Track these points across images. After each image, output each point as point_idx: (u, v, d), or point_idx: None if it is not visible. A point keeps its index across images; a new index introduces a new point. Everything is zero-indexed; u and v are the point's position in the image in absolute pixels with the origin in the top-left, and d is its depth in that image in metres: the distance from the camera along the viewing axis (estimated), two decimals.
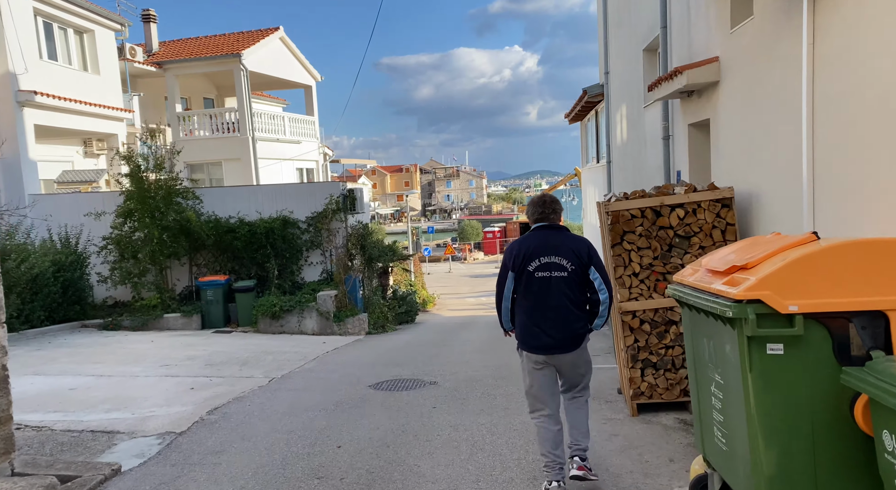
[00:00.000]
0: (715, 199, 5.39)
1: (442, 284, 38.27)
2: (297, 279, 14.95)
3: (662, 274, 5.57)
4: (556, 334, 3.97)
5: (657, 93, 7.34)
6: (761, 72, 5.10)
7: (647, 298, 5.59)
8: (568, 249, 3.98)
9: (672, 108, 7.97)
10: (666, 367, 5.55)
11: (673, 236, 5.54)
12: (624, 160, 11.78)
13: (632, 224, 5.61)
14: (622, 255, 5.63)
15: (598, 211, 6.37)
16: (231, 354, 10.03)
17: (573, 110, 17.23)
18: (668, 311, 5.56)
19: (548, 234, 4.05)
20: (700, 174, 7.24)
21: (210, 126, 22.29)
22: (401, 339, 12.74)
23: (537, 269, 3.95)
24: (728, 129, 5.97)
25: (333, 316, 13.74)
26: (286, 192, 15.07)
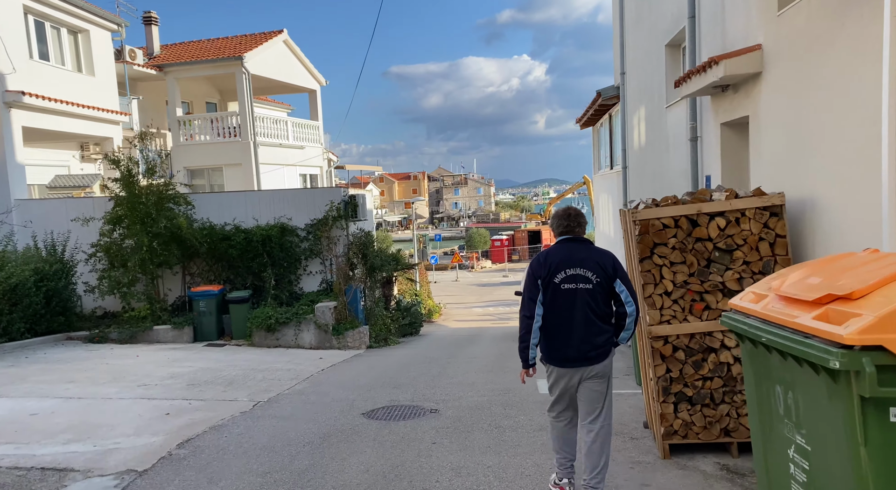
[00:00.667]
0: (762, 206, 4.62)
1: (448, 293, 37.48)
2: (295, 289, 14.24)
3: (699, 293, 4.80)
4: (581, 347, 3.96)
5: (685, 88, 6.58)
6: (820, 58, 4.35)
7: (682, 321, 4.82)
8: (593, 262, 3.98)
9: (701, 106, 7.22)
10: (703, 402, 4.77)
11: (712, 249, 4.77)
12: (642, 165, 11.01)
13: (663, 235, 4.84)
14: (652, 271, 4.86)
15: (621, 220, 5.61)
16: (218, 372, 9.30)
17: (585, 114, 16.48)
18: (705, 336, 4.78)
19: (573, 246, 4.07)
20: (734, 179, 6.47)
21: (211, 130, 21.70)
22: (402, 355, 11.98)
23: (563, 282, 3.96)
24: (773, 127, 5.21)
25: (332, 329, 13.01)
26: (285, 198, 14.38)
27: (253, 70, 21.44)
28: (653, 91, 9.82)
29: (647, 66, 10.12)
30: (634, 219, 4.87)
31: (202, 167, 22.00)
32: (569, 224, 4.13)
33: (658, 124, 9.52)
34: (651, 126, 10.09)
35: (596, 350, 3.98)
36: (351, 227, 14.76)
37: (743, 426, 4.70)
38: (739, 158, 6.44)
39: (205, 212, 13.94)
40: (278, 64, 23.30)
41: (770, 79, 5.19)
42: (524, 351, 4.12)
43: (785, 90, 4.93)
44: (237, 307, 13.16)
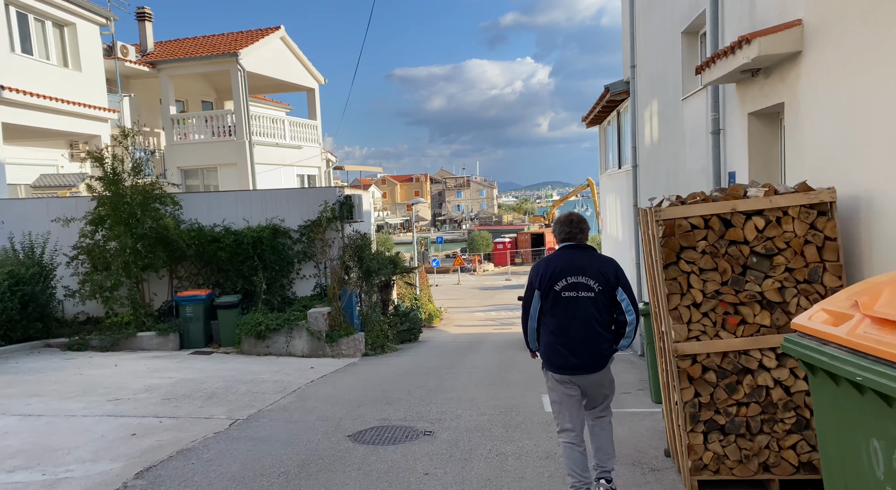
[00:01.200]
0: (808, 204, 3.96)
1: (450, 297, 36.81)
2: (288, 294, 13.59)
3: (734, 305, 4.13)
4: (582, 355, 3.96)
5: (708, 75, 5.92)
6: (878, 31, 3.69)
7: (713, 338, 4.15)
8: (595, 270, 3.96)
9: (724, 95, 6.55)
10: (738, 432, 4.10)
11: (748, 254, 4.11)
12: (654, 163, 10.35)
13: (691, 237, 4.18)
14: (678, 279, 4.19)
15: (640, 220, 4.94)
16: (199, 384, 8.64)
17: (592, 112, 15.82)
18: (740, 355, 4.11)
19: (575, 253, 4.04)
20: (763, 176, 5.81)
21: (206, 129, 21.11)
22: (399, 365, 11.32)
23: (564, 289, 3.94)
24: (816, 114, 4.54)
25: (326, 336, 12.36)
26: (277, 199, 13.74)
27: (249, 67, 20.85)
28: (667, 83, 9.16)
29: (661, 56, 9.46)
30: (658, 218, 4.21)
31: (196, 167, 21.40)
32: (570, 230, 4.11)
33: (672, 119, 8.85)
34: (665, 121, 9.43)
35: (596, 358, 3.99)
36: (347, 228, 14.11)
37: (786, 461, 4.03)
38: (770, 152, 5.78)
39: (193, 212, 13.31)
40: (275, 61, 22.70)
41: (813, 58, 4.52)
42: (528, 345, 4.32)
43: (832, 70, 4.26)
44: (226, 313, 12.52)
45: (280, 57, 23.07)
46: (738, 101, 6.08)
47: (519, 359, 12.11)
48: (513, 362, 11.55)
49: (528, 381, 8.86)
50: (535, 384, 8.51)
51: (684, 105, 8.17)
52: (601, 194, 18.08)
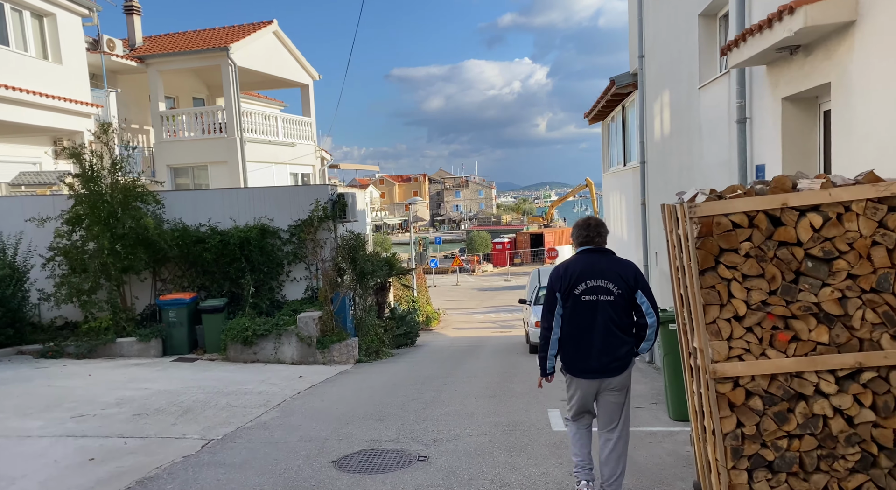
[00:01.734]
0: (877, 198, 3.30)
1: (448, 298, 36.15)
2: (277, 297, 12.94)
3: (784, 319, 3.47)
4: (602, 358, 3.94)
5: (736, 56, 5.27)
6: None
7: (759, 357, 3.49)
8: (614, 273, 3.95)
9: (751, 80, 5.91)
10: (790, 470, 3.44)
11: (802, 258, 3.45)
12: (664, 159, 9.71)
13: (733, 238, 3.52)
14: (717, 287, 3.53)
15: (666, 219, 4.30)
16: (176, 397, 7.98)
17: (595, 107, 15.17)
18: (793, 378, 3.46)
19: (594, 257, 4.03)
20: (800, 169, 5.15)
21: (196, 126, 20.42)
22: (394, 373, 10.66)
23: (584, 293, 3.93)
24: (874, 94, 3.89)
25: (317, 342, 11.71)
26: (266, 197, 13.08)
27: (240, 62, 20.17)
28: (680, 72, 8.51)
29: (673, 43, 8.81)
30: (693, 215, 3.55)
31: (186, 165, 20.72)
32: (588, 234, 4.07)
33: (687, 110, 8.21)
34: (678, 113, 8.78)
35: (617, 362, 3.97)
36: (340, 228, 13.45)
37: None
38: (806, 141, 5.13)
39: (177, 211, 12.64)
40: (268, 56, 22.02)
41: (870, 28, 3.88)
42: (543, 361, 4.15)
43: None
44: (211, 317, 11.86)
45: (273, 52, 22.40)
46: (770, 85, 5.43)
47: (521, 365, 11.47)
48: (515, 369, 10.90)
49: (533, 392, 8.21)
50: (540, 396, 7.86)
51: (701, 94, 7.52)
52: (604, 193, 17.44)
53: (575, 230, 4.19)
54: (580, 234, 4.13)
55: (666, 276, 10.12)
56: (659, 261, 10.43)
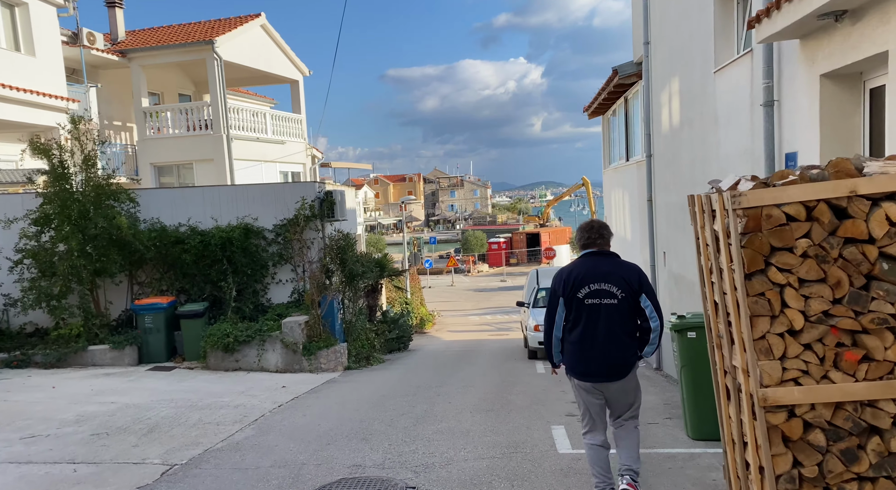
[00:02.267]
0: None
1: (443, 299, 35.48)
2: (262, 301, 12.24)
3: (852, 333, 2.82)
4: (605, 362, 3.92)
5: (767, 27, 4.61)
6: None
7: (821, 381, 2.83)
8: (618, 277, 3.92)
9: (780, 57, 5.26)
10: None
11: (876, 258, 2.80)
12: (674, 151, 9.06)
13: (787, 234, 2.87)
14: (767, 294, 2.88)
15: (697, 213, 3.66)
16: (144, 412, 7.29)
17: (596, 100, 14.53)
18: (864, 407, 2.81)
19: (598, 260, 4.02)
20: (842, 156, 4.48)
21: (181, 123, 19.69)
22: (384, 381, 9.98)
23: (587, 296, 3.91)
24: None
25: (303, 348, 11.03)
26: (249, 195, 12.38)
27: (226, 56, 19.44)
28: (692, 56, 7.86)
29: (684, 26, 8.16)
30: (738, 207, 2.89)
31: (171, 163, 19.99)
32: (591, 237, 4.06)
33: (701, 97, 7.56)
34: (689, 101, 8.13)
35: (620, 366, 3.95)
36: (328, 227, 12.78)
37: None
38: (850, 124, 4.48)
39: (155, 210, 11.94)
40: (255, 51, 21.29)
41: None
42: (550, 358, 4.19)
43: None
44: (190, 323, 11.15)
45: (260, 46, 21.67)
46: (805, 61, 4.78)
47: (520, 373, 10.82)
48: (514, 377, 10.24)
49: (534, 404, 7.55)
50: (543, 409, 7.21)
51: (717, 78, 6.87)
52: (604, 191, 16.82)
53: (578, 233, 4.18)
54: (583, 236, 4.10)
55: (677, 279, 9.47)
56: (668, 261, 9.79)
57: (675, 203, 9.11)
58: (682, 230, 8.89)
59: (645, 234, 11.09)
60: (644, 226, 11.14)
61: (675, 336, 5.75)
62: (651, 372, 10.42)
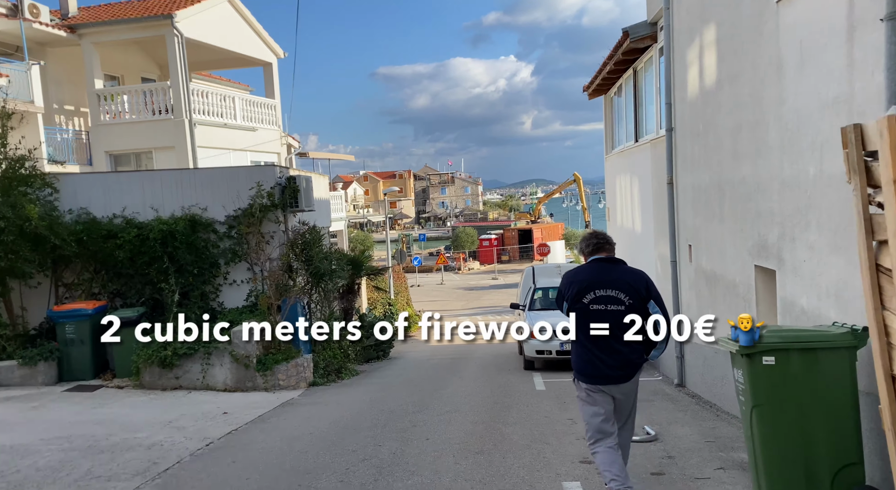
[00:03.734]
0: None
1: (432, 298, 33.72)
2: (213, 305, 10.46)
3: None
4: (613, 365, 3.94)
5: None
6: None
7: None
8: (625, 283, 3.97)
9: None
10: None
11: None
12: (707, 119, 7.33)
13: None
14: None
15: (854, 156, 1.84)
16: (20, 459, 5.48)
17: (598, 75, 12.81)
18: None
19: (604, 266, 4.07)
20: None
21: (139, 107, 17.79)
22: (351, 404, 8.20)
23: (592, 302, 3.95)
24: None
25: (256, 362, 9.28)
26: (198, 181, 10.60)
27: (189, 34, 17.52)
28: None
29: None
30: None
31: (128, 151, 18.05)
32: (598, 242, 4.14)
33: (752, 41, 5.83)
34: (732, 51, 6.40)
35: (626, 370, 3.98)
36: (291, 220, 11.00)
37: None
38: None
39: (84, 199, 10.13)
40: (223, 29, 19.38)
41: None
42: None
43: None
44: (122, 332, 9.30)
45: (229, 24, 19.76)
46: None
47: (516, 389, 9.08)
48: (508, 396, 8.49)
49: (537, 441, 5.81)
50: (548, 450, 5.47)
51: (783, 9, 5.13)
52: (607, 179, 15.11)
53: (584, 241, 4.25)
54: (590, 243, 4.17)
55: (709, 277, 7.73)
56: (695, 256, 8.06)
57: (707, 184, 7.39)
58: (716, 217, 7.16)
59: (662, 224, 9.36)
60: (661, 214, 9.42)
61: (743, 362, 4.00)
62: (671, 388, 8.71)
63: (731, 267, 6.75)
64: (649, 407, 7.34)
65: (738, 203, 6.45)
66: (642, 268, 4.42)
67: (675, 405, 7.51)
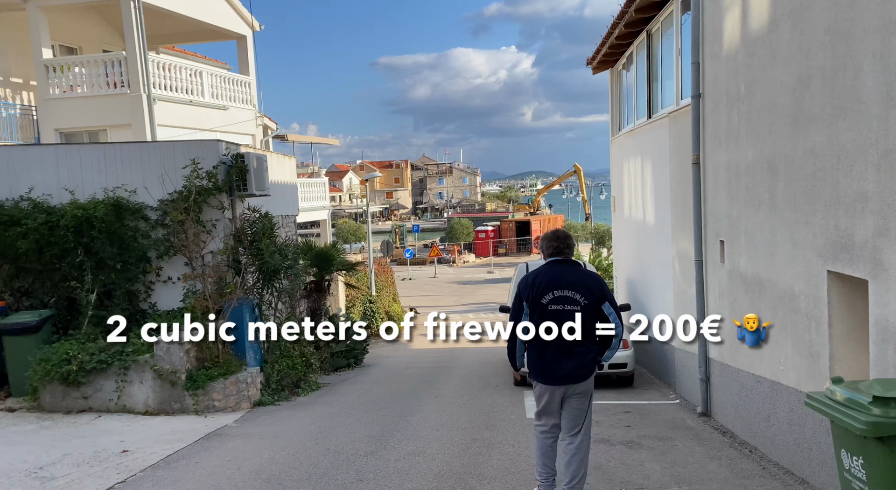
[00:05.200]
0: None
1: (424, 292, 32.01)
2: (143, 306, 8.78)
3: None
4: (569, 365, 4.08)
5: None
6: None
7: None
8: (582, 284, 4.12)
9: None
10: None
11: None
12: (752, 76, 5.59)
13: None
14: None
15: None
16: None
17: (606, 41, 11.06)
18: None
19: (562, 268, 4.20)
20: None
21: (93, 80, 16.00)
22: (292, 437, 6.48)
23: (550, 303, 4.09)
24: None
25: (186, 379, 7.58)
26: (125, 157, 8.87)
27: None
28: None
29: None
30: None
31: (79, 129, 16.22)
32: (558, 245, 4.23)
33: None
34: None
35: (581, 369, 4.10)
36: (240, 206, 9.28)
37: None
38: None
39: None
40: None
41: None
42: (513, 362, 4.34)
43: None
44: (17, 342, 7.64)
45: None
46: None
47: (502, 416, 7.37)
48: (491, 429, 6.78)
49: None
50: None
51: None
52: (613, 164, 13.38)
53: (543, 242, 4.33)
54: (549, 245, 4.25)
55: (749, 283, 5.94)
56: (729, 255, 6.34)
57: (751, 161, 5.67)
58: (763, 205, 5.45)
59: (684, 214, 7.65)
60: (682, 202, 7.70)
61: (873, 449, 2.29)
62: (694, 419, 7.02)
63: (785, 271, 5.04)
64: (670, 450, 5.66)
65: (800, 184, 4.73)
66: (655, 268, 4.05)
67: (703, 448, 5.81)
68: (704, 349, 7.04)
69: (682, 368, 8.23)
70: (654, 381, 9.60)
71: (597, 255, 26.95)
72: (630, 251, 11.99)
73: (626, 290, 12.22)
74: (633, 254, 11.66)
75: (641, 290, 10.75)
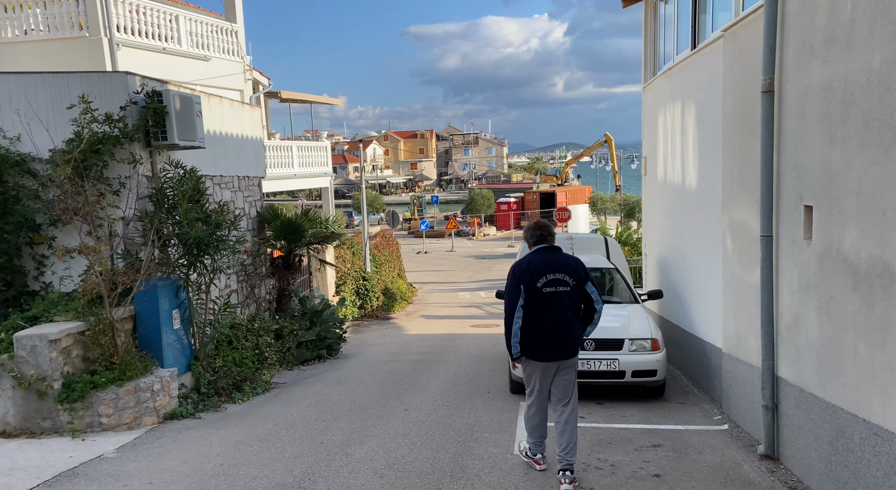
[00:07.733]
0: None
1: (437, 267, 29.96)
2: (35, 287, 6.89)
3: None
4: (562, 342, 4.46)
5: None
6: None
7: None
8: (570, 267, 4.52)
9: None
10: None
11: None
12: None
13: None
14: None
15: None
16: None
17: None
18: None
19: (550, 254, 4.58)
20: None
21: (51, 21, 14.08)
22: (193, 472, 4.51)
23: (545, 286, 4.43)
24: None
25: (61, 387, 5.67)
26: (2, 93, 6.87)
27: None
28: None
29: None
30: None
31: None
32: (542, 234, 4.65)
33: None
34: None
35: (572, 344, 4.50)
36: (159, 160, 7.28)
37: None
38: None
39: None
40: None
41: None
42: (510, 348, 4.51)
43: None
44: None
45: None
46: None
47: (489, 436, 5.28)
48: (472, 455, 4.71)
49: None
50: None
51: None
52: (645, 114, 11.03)
53: (528, 232, 4.73)
54: (534, 234, 4.65)
55: (859, 272, 3.64)
56: (822, 227, 4.11)
57: (883, 72, 3.40)
58: None
59: (744, 170, 5.40)
60: (742, 153, 5.45)
61: None
62: (753, 462, 4.86)
63: None
64: None
65: None
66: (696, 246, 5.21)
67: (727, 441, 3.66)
68: (771, 363, 4.87)
69: (732, 381, 6.06)
70: (691, 390, 7.42)
71: (626, 227, 24.51)
72: (664, 224, 9.72)
73: (657, 273, 9.98)
74: (668, 227, 9.40)
75: (677, 274, 8.52)
